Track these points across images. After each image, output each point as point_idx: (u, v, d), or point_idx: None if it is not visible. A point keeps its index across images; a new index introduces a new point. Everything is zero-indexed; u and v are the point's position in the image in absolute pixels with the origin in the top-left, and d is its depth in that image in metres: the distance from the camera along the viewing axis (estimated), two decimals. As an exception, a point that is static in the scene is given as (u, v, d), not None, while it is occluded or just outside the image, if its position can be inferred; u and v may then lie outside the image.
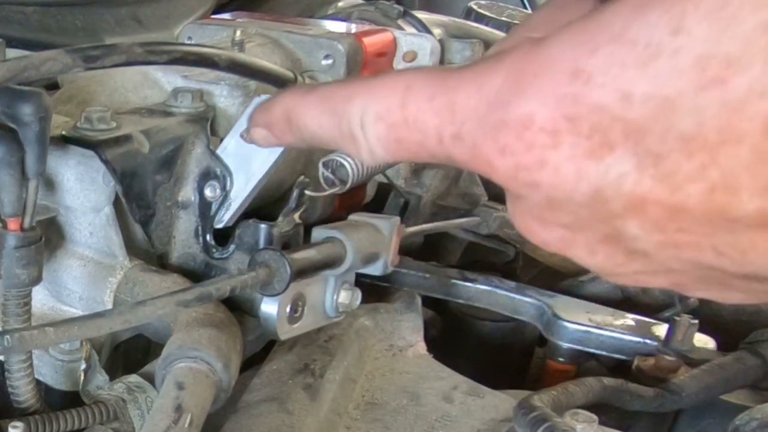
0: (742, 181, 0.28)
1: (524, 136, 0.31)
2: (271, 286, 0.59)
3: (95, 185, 0.65)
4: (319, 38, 0.85)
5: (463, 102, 0.34)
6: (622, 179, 0.30)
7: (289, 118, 0.44)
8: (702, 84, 0.28)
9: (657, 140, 0.29)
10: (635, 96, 0.29)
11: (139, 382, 0.63)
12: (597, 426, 0.61)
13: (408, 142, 0.37)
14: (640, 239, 0.32)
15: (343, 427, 0.69)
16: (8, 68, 0.49)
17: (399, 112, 0.36)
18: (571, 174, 0.31)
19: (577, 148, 0.30)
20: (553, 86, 0.31)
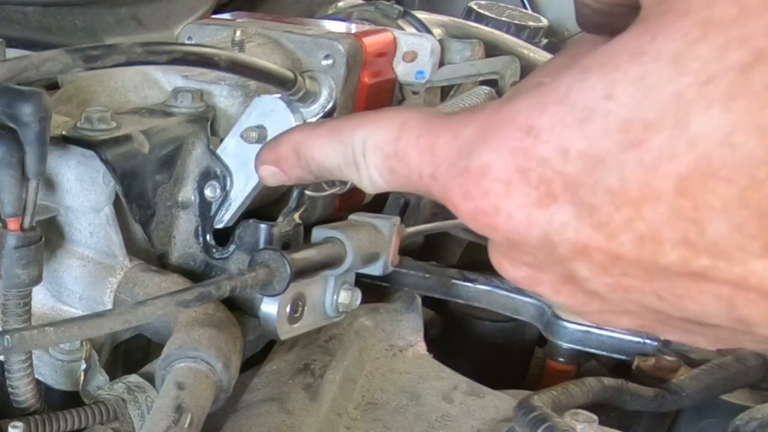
0: (664, 234, 0.31)
1: (482, 184, 0.35)
2: (271, 286, 0.59)
3: (95, 185, 0.65)
4: (319, 38, 0.85)
5: (441, 146, 0.38)
6: (565, 226, 0.33)
7: (297, 151, 0.48)
8: (625, 144, 0.31)
9: (590, 193, 0.32)
10: (572, 152, 0.32)
11: (139, 382, 0.63)
12: (597, 426, 0.61)
13: (398, 174, 0.40)
14: (591, 281, 0.34)
15: (343, 427, 0.69)
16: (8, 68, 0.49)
17: (393, 145, 0.40)
18: (522, 220, 0.34)
19: (527, 197, 0.34)
20: (509, 140, 0.34)
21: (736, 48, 0.28)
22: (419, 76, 0.93)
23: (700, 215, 0.30)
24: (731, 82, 0.28)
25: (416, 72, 0.92)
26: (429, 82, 0.93)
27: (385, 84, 0.91)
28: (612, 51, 0.32)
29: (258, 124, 0.66)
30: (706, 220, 0.30)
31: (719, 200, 0.29)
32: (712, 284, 0.31)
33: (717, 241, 0.30)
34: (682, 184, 0.30)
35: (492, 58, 0.97)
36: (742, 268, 0.30)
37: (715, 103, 0.29)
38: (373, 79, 0.89)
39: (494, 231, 0.35)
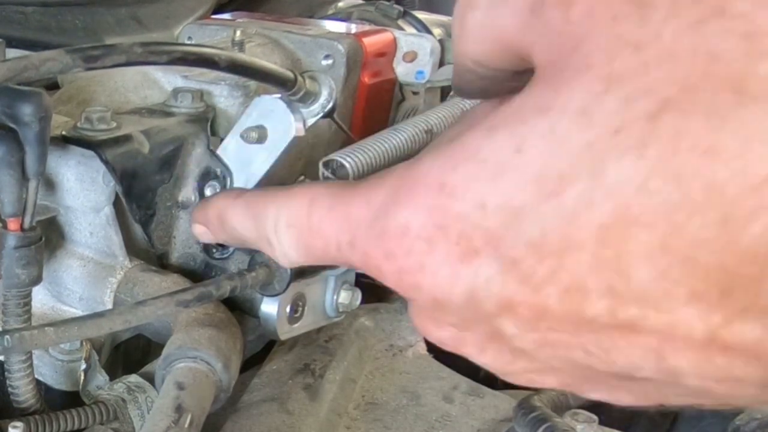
0: (589, 284, 0.30)
1: (403, 243, 0.35)
2: (271, 286, 0.59)
3: (95, 185, 0.65)
4: (319, 38, 0.85)
5: (356, 213, 0.38)
6: (489, 281, 0.33)
7: (220, 219, 0.49)
8: (541, 196, 0.30)
9: (510, 246, 0.32)
10: (489, 206, 0.32)
11: (139, 382, 0.63)
12: (597, 426, 0.61)
13: (314, 248, 0.40)
14: (517, 337, 0.34)
15: (343, 427, 0.69)
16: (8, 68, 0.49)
17: (305, 220, 0.41)
18: (447, 277, 0.34)
19: (449, 254, 0.33)
20: (423, 198, 0.34)
21: (642, 98, 0.28)
22: (419, 76, 0.93)
23: (623, 264, 0.29)
24: (641, 131, 0.28)
25: (416, 72, 0.92)
26: (429, 82, 0.93)
27: (385, 84, 0.91)
28: (516, 108, 0.32)
29: (258, 124, 0.66)
30: (630, 268, 0.29)
31: (642, 247, 0.29)
32: (640, 335, 0.30)
33: (644, 289, 0.29)
34: (603, 233, 0.29)
35: (492, 58, 0.97)
36: (670, 316, 0.29)
37: (628, 152, 0.28)
38: (373, 79, 0.89)
39: (419, 291, 0.35)
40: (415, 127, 0.81)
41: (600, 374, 0.33)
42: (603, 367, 0.33)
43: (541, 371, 0.36)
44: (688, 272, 0.28)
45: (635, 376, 0.32)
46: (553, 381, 0.36)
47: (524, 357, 0.35)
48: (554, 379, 0.36)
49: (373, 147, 0.75)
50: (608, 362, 0.32)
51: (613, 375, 0.33)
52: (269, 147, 0.66)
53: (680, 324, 0.29)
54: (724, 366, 0.30)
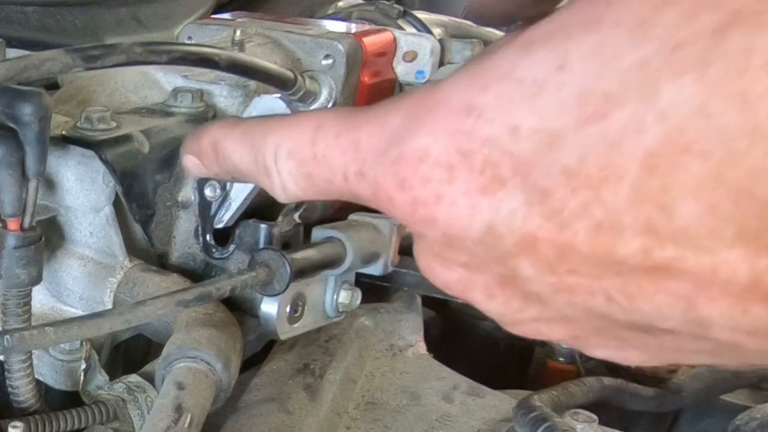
0: (625, 220, 0.28)
1: (420, 170, 0.32)
2: (271, 286, 0.59)
3: (95, 185, 0.65)
4: (319, 38, 0.85)
5: (367, 139, 0.34)
6: (512, 215, 0.30)
7: (215, 148, 0.46)
8: (583, 119, 0.28)
9: (543, 175, 0.29)
10: (522, 130, 0.29)
11: (139, 382, 0.63)
12: (597, 426, 0.61)
13: (317, 179, 0.37)
14: (533, 281, 0.31)
15: (343, 427, 0.69)
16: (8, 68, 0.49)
17: (309, 149, 0.37)
18: (465, 209, 0.31)
19: (471, 183, 0.31)
20: (446, 122, 0.31)
21: (708, 10, 0.26)
22: (419, 76, 0.93)
23: (668, 197, 0.27)
24: (703, 48, 0.26)
25: (416, 72, 0.92)
26: (429, 82, 0.93)
27: (385, 84, 0.91)
28: (559, 22, 0.29)
29: (258, 124, 0.66)
30: (675, 202, 0.27)
31: (692, 178, 0.26)
32: (672, 280, 0.28)
33: (686, 227, 0.27)
34: (650, 161, 0.27)
35: (492, 58, 0.97)
36: (712, 258, 0.27)
37: (686, 71, 0.26)
38: (373, 79, 0.89)
39: (432, 225, 0.32)
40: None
41: (615, 326, 0.31)
42: (623, 317, 0.30)
43: (551, 320, 0.33)
44: (741, 208, 0.26)
45: (657, 328, 0.30)
46: (561, 332, 0.34)
47: (536, 304, 0.32)
48: (563, 330, 0.33)
49: (373, 147, 0.75)
50: (631, 310, 0.29)
51: (630, 326, 0.31)
52: (269, 147, 0.66)
53: (722, 267, 0.27)
54: (762, 316, 0.27)
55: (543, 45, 0.29)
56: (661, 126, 0.26)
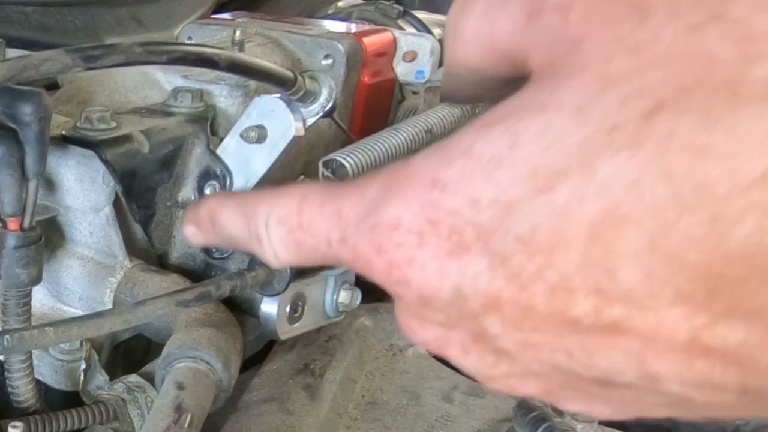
0: (575, 283, 0.30)
1: (394, 237, 0.35)
2: (271, 285, 0.59)
3: (95, 185, 0.65)
4: (319, 38, 0.85)
5: (348, 208, 0.38)
6: (477, 278, 0.33)
7: (212, 218, 0.49)
8: (534, 191, 0.31)
9: (501, 241, 0.32)
10: (482, 201, 0.32)
11: (139, 382, 0.63)
12: (597, 426, 0.62)
13: (304, 245, 0.40)
14: (501, 338, 0.34)
15: (343, 427, 0.69)
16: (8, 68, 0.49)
17: (296, 218, 0.41)
18: (435, 272, 0.34)
19: (439, 248, 0.33)
20: (416, 194, 0.34)
21: (637, 99, 0.29)
22: (419, 75, 0.93)
23: (611, 262, 0.29)
24: (635, 130, 0.29)
25: (416, 72, 0.93)
26: (429, 82, 0.93)
27: (385, 84, 0.91)
28: (512, 106, 0.32)
29: (258, 123, 0.66)
30: (618, 267, 0.29)
31: (630, 246, 0.29)
32: (623, 337, 0.30)
33: (629, 289, 0.29)
34: (593, 230, 0.29)
35: (492, 58, 0.97)
36: (655, 317, 0.29)
37: (621, 150, 0.29)
38: (373, 79, 0.89)
39: (407, 286, 0.35)
40: (415, 126, 0.81)
41: (581, 380, 0.34)
42: (584, 372, 0.33)
43: (522, 376, 0.36)
44: (675, 272, 0.29)
45: (616, 382, 0.32)
46: (533, 387, 0.36)
47: (507, 359, 0.35)
48: (535, 385, 0.36)
49: (373, 147, 0.75)
50: (590, 366, 0.32)
51: (594, 381, 0.33)
52: (269, 146, 0.66)
53: (664, 325, 0.29)
54: (705, 370, 0.30)
55: (498, 125, 0.32)
56: (601, 199, 0.29)
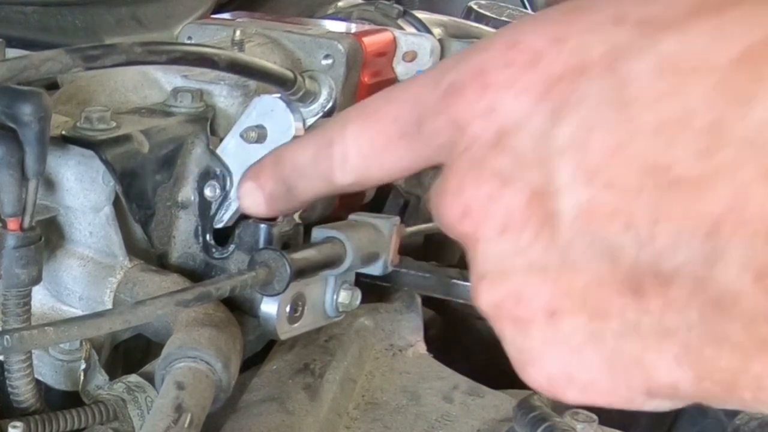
0: (698, 113, 0.28)
1: (504, 58, 0.33)
2: (271, 285, 0.59)
3: (95, 185, 0.65)
4: (319, 38, 0.85)
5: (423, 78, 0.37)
6: (584, 98, 0.30)
7: (276, 159, 0.48)
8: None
9: (635, 58, 0.30)
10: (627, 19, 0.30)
11: (139, 382, 0.63)
12: (597, 426, 0.61)
13: (384, 121, 0.39)
14: (563, 195, 0.31)
15: (343, 427, 0.69)
16: (8, 68, 0.49)
17: (371, 104, 0.40)
18: (533, 96, 0.32)
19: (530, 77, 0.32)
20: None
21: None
22: (419, 75, 0.93)
23: (754, 89, 0.27)
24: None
25: (416, 72, 0.92)
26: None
27: (385, 84, 0.91)
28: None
29: (258, 123, 0.66)
30: (755, 101, 0.27)
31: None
32: (709, 195, 0.27)
33: (754, 135, 0.26)
34: (738, 63, 0.27)
35: (492, 58, 0.97)
36: (762, 188, 0.26)
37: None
38: (373, 79, 0.89)
39: (491, 113, 0.33)
40: (415, 126, 0.81)
41: (613, 279, 0.30)
42: (632, 253, 0.29)
43: (545, 271, 0.32)
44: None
45: (660, 270, 0.29)
46: (544, 295, 0.33)
47: (548, 235, 0.32)
48: (548, 291, 0.33)
49: (373, 147, 0.75)
50: (645, 241, 0.29)
51: (631, 272, 0.30)
52: (269, 147, 0.66)
53: (760, 199, 0.26)
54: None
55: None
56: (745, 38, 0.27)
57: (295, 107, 0.65)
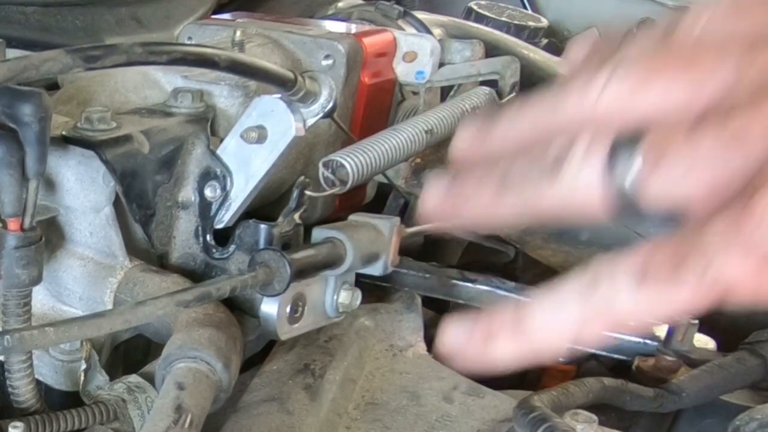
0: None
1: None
2: (271, 286, 0.59)
3: (95, 185, 0.65)
4: (319, 38, 0.85)
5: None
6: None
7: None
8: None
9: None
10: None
11: (139, 382, 0.63)
12: (597, 426, 0.61)
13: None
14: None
15: (343, 427, 0.69)
16: (8, 68, 0.49)
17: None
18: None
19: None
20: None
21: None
22: (419, 76, 0.93)
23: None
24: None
25: (416, 72, 0.92)
26: (429, 83, 0.93)
27: (385, 84, 0.91)
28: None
29: (258, 124, 0.66)
30: None
31: None
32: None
33: None
34: None
35: (492, 59, 0.97)
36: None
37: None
38: (373, 80, 0.89)
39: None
40: (415, 127, 0.81)
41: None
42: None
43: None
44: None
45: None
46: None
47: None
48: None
49: (373, 147, 0.75)
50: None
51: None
52: (269, 147, 0.67)
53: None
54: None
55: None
56: None
57: (296, 107, 0.65)
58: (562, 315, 0.36)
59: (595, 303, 0.35)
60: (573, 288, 0.36)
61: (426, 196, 0.43)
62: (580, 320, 0.35)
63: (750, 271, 0.33)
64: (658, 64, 0.35)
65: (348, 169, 0.71)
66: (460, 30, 1.11)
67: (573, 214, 0.38)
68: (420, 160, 0.97)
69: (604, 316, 0.35)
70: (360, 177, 0.72)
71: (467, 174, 0.41)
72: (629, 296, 0.34)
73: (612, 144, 0.36)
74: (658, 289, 0.34)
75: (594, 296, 0.35)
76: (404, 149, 0.78)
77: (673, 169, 0.34)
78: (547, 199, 0.38)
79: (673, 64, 0.35)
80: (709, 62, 0.35)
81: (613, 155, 0.36)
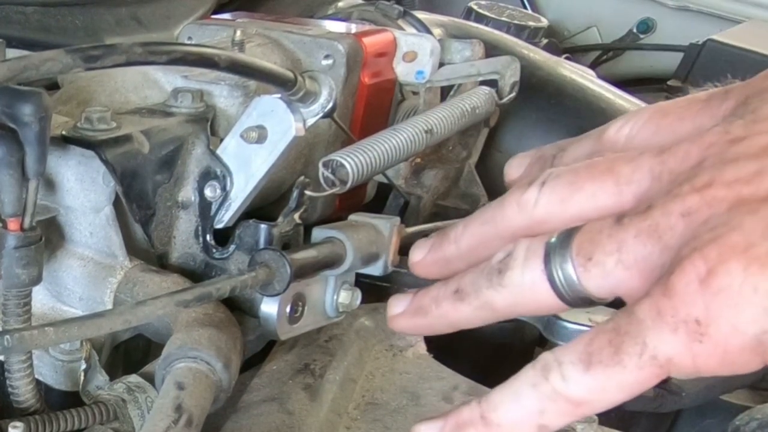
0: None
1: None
2: (271, 286, 0.59)
3: (95, 185, 0.65)
4: (319, 38, 0.85)
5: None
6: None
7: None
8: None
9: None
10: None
11: (139, 382, 0.63)
12: (597, 426, 0.61)
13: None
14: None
15: (343, 427, 0.69)
16: (8, 68, 0.49)
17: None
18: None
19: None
20: None
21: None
22: (419, 76, 0.93)
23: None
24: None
25: (416, 72, 0.92)
26: (429, 82, 0.93)
27: (385, 84, 0.91)
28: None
29: (258, 124, 0.66)
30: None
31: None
32: None
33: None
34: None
35: (492, 58, 0.97)
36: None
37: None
38: (373, 80, 0.89)
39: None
40: (415, 127, 0.81)
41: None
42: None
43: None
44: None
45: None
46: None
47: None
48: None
49: (373, 147, 0.75)
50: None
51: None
52: (269, 147, 0.67)
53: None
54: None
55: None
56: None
57: (296, 107, 0.65)
58: (520, 404, 0.41)
59: (548, 392, 0.39)
60: (526, 380, 0.40)
61: (391, 311, 0.52)
62: (538, 410, 0.39)
63: (682, 345, 0.37)
64: (584, 175, 0.42)
65: (348, 169, 0.71)
66: (460, 30, 1.12)
67: (530, 310, 0.44)
68: (420, 160, 0.97)
69: (562, 404, 0.39)
70: (360, 177, 0.72)
71: (426, 289, 0.49)
72: (579, 383, 0.38)
73: (545, 248, 0.41)
74: (605, 373, 0.38)
75: (545, 385, 0.39)
76: (404, 149, 0.78)
77: (602, 265, 0.40)
78: (500, 301, 0.43)
79: (598, 173, 0.41)
80: (627, 170, 0.41)
81: (547, 259, 0.41)
